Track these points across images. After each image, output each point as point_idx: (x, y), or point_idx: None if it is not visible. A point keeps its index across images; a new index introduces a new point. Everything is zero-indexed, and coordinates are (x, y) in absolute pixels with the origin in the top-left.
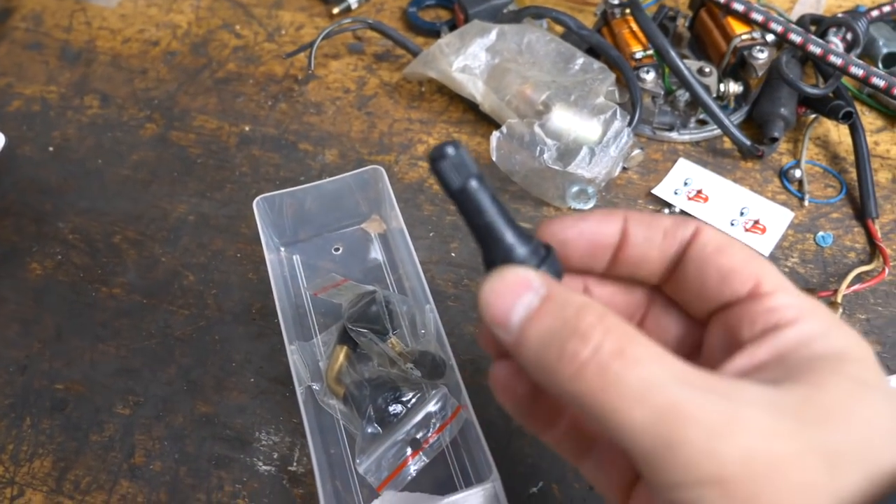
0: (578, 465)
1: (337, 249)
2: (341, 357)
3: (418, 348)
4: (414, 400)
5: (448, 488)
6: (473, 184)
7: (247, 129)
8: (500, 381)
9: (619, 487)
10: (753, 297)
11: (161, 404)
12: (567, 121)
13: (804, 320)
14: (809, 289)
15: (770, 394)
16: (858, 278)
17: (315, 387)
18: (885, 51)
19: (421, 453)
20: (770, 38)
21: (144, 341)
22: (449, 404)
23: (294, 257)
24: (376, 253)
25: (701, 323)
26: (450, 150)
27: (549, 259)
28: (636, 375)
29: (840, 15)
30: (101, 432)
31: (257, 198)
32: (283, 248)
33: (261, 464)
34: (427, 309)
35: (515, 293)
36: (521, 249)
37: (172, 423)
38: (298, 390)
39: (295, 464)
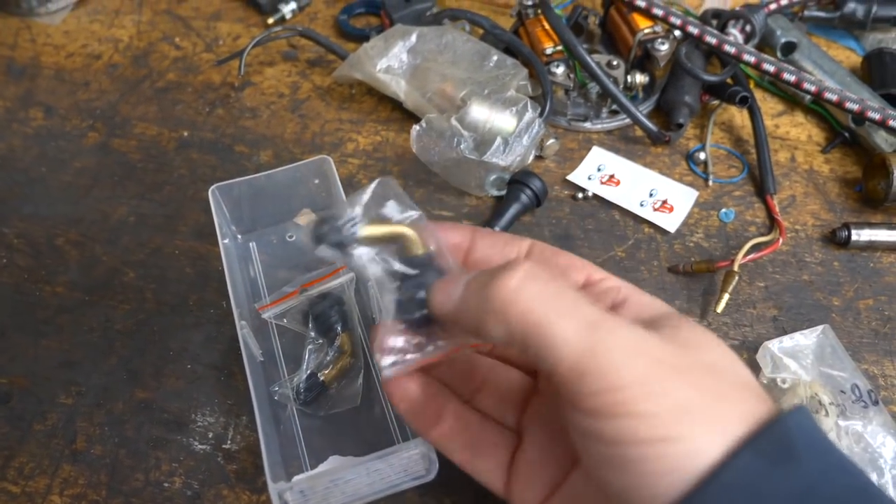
0: (460, 461)
1: (291, 237)
2: None
3: None
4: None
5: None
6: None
7: (185, 134)
8: (395, 388)
9: (499, 469)
10: (589, 283)
11: (102, 393)
12: (483, 114)
13: (633, 295)
14: (711, 260)
15: (653, 333)
16: (755, 248)
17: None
18: (782, 40)
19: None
20: (678, 32)
21: (86, 335)
22: None
23: (250, 244)
24: None
25: None
26: None
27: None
28: (570, 292)
29: (738, 9)
30: (45, 421)
31: (212, 186)
32: (240, 236)
33: (196, 443)
34: (369, 285)
35: (450, 283)
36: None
37: (113, 410)
38: (246, 360)
39: (229, 442)
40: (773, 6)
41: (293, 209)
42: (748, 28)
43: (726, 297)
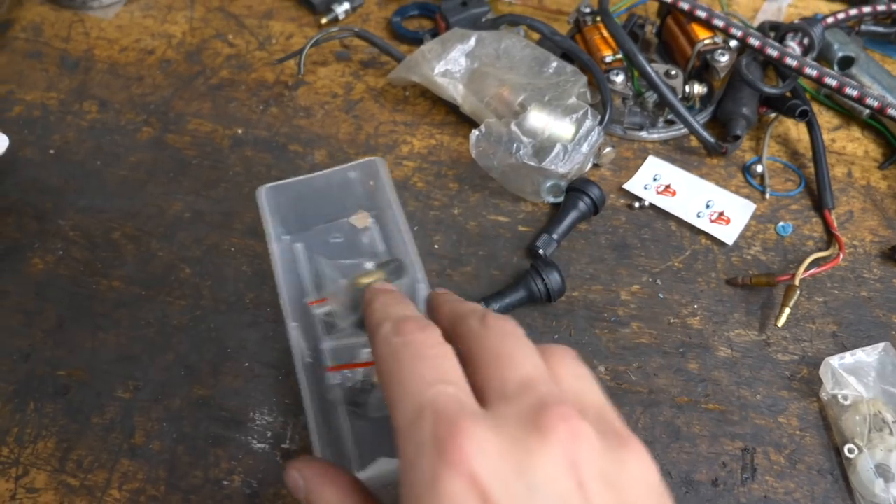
0: None
1: (337, 237)
2: None
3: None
4: None
5: None
6: None
7: (239, 131)
8: None
9: None
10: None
11: (159, 388)
12: (542, 120)
13: None
14: (771, 273)
15: None
16: (816, 263)
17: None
18: (840, 54)
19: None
20: (733, 43)
21: (143, 330)
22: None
23: (296, 245)
24: (375, 241)
25: None
26: None
27: None
28: None
29: (797, 21)
30: (103, 415)
31: (261, 187)
32: (288, 236)
33: (255, 442)
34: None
35: None
36: None
37: (170, 406)
38: (298, 365)
39: (288, 441)
40: (829, 20)
41: (341, 210)
42: (806, 41)
43: (787, 311)
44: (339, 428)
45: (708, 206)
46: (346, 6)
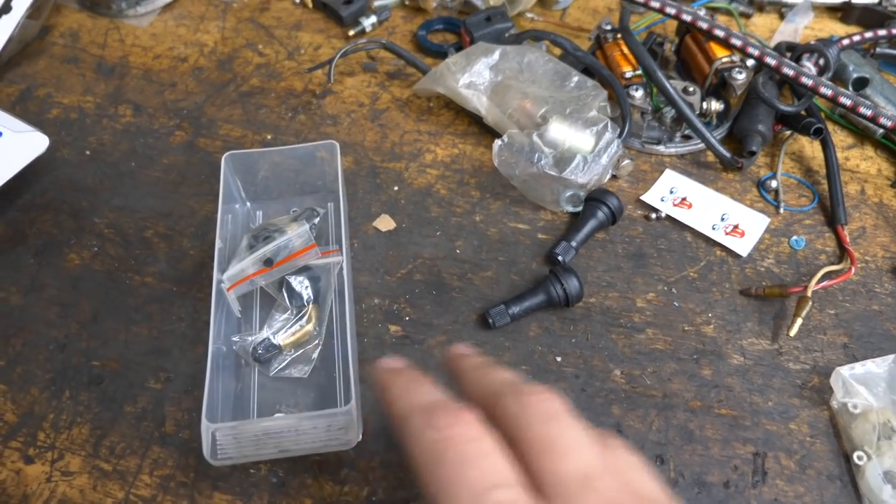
0: None
1: (295, 210)
2: None
3: None
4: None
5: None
6: None
7: (269, 137)
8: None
9: None
10: None
11: (190, 380)
12: (563, 132)
13: None
14: (784, 285)
15: None
16: (828, 276)
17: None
18: (854, 75)
19: (270, 271)
20: (750, 62)
21: (174, 324)
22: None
23: (257, 212)
24: (328, 220)
25: None
26: None
27: None
28: None
29: (813, 42)
30: (135, 404)
31: (225, 154)
32: (249, 203)
33: None
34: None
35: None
36: None
37: (200, 397)
38: (213, 310)
39: None
40: (845, 42)
41: (304, 185)
42: (822, 62)
43: (799, 321)
44: (246, 382)
45: (723, 219)
46: (373, 19)
